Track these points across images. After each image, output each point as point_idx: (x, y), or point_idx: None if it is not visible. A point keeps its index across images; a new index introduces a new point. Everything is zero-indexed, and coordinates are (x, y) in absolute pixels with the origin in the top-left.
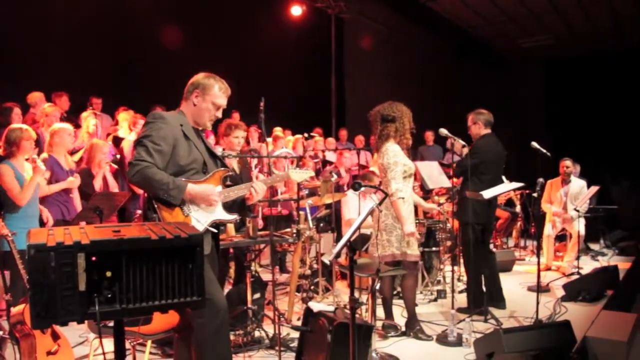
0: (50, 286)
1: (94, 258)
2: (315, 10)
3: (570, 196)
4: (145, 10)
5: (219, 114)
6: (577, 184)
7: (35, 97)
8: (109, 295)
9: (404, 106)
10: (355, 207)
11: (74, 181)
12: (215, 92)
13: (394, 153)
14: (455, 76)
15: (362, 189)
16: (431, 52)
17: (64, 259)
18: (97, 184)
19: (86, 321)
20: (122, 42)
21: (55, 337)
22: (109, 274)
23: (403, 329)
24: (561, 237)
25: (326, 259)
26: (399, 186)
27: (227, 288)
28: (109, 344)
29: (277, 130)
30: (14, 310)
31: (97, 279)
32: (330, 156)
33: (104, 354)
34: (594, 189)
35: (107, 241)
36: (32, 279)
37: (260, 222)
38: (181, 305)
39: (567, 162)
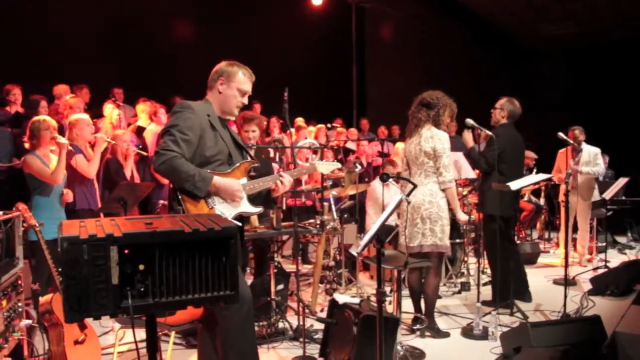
0: (82, 279)
1: (126, 251)
2: (336, 0)
3: (581, 163)
4: (163, 1)
5: (245, 101)
6: (589, 151)
7: (61, 89)
8: (142, 289)
9: (449, 99)
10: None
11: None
12: (239, 78)
13: (445, 139)
14: (476, 65)
15: (390, 180)
16: (452, 41)
17: (97, 251)
18: (128, 173)
19: None
20: (141, 33)
21: (82, 326)
22: (142, 267)
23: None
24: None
25: (354, 251)
26: (450, 173)
27: (248, 279)
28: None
29: (300, 121)
30: (42, 299)
31: (129, 272)
32: (351, 145)
33: (136, 343)
34: (623, 180)
35: (140, 234)
36: (64, 272)
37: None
38: (214, 299)
39: (576, 132)
